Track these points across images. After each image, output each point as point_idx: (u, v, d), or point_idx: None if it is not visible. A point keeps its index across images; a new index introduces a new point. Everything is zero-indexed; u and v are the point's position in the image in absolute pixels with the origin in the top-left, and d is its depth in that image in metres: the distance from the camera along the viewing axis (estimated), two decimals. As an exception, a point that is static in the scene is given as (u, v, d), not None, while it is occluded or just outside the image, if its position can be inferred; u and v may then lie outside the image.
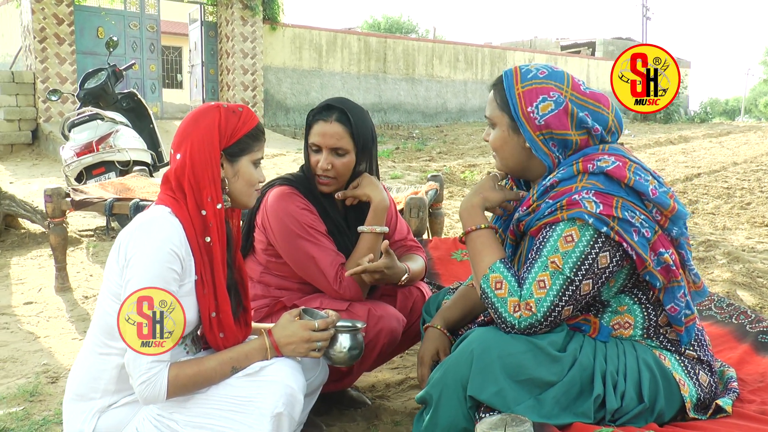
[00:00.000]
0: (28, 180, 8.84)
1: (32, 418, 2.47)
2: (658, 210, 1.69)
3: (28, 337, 3.41)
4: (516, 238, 1.89)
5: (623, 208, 1.64)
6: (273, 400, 1.70)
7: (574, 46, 28.66)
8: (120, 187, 4.21)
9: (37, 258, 5.00)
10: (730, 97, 51.43)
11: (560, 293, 1.63)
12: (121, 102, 6.56)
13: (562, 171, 1.74)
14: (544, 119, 1.75)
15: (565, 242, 1.65)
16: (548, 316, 1.64)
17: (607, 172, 1.68)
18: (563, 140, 1.76)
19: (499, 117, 1.84)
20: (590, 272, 1.64)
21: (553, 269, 1.64)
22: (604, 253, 1.64)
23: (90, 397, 1.76)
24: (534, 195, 1.79)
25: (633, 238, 1.63)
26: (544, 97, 1.75)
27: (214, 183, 1.76)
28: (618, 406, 1.66)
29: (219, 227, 1.77)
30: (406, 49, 18.42)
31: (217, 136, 1.77)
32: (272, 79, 15.59)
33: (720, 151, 14.02)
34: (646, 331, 1.76)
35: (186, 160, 1.75)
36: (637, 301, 1.75)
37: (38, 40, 11.62)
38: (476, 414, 1.64)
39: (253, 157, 1.85)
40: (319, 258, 2.22)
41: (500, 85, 1.84)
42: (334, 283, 2.22)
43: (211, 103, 1.83)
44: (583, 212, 1.63)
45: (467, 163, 11.65)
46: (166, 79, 21.55)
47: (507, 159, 1.86)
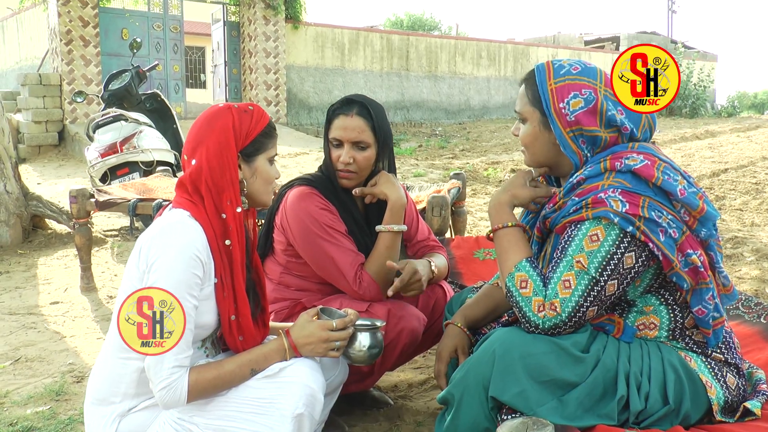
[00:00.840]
0: (55, 181, 8.96)
1: (58, 417, 2.50)
2: (686, 211, 1.65)
3: (54, 337, 3.46)
4: (542, 236, 1.87)
5: (650, 207, 1.61)
6: (293, 400, 1.69)
7: (597, 41, 28.36)
8: (143, 188, 4.25)
9: (63, 258, 5.06)
10: (759, 90, 50.59)
11: (585, 293, 1.61)
12: (145, 103, 6.62)
13: (589, 168, 1.72)
14: (574, 115, 1.73)
15: (590, 241, 1.62)
16: (573, 317, 1.61)
17: (634, 171, 1.65)
18: (592, 137, 1.74)
19: (530, 112, 1.81)
20: (615, 272, 1.61)
21: (579, 269, 1.61)
22: (630, 254, 1.62)
23: (110, 401, 1.76)
24: (561, 192, 1.77)
25: (659, 238, 1.60)
26: (576, 94, 1.73)
27: (233, 185, 1.75)
28: (642, 407, 1.63)
29: (239, 230, 1.76)
30: (428, 46, 18.36)
31: (233, 138, 1.76)
32: (295, 78, 15.63)
33: (748, 145, 13.78)
34: (672, 333, 1.73)
35: (203, 164, 1.74)
36: (664, 301, 1.72)
37: (64, 43, 11.77)
38: (498, 415, 1.63)
39: (269, 155, 1.84)
40: (338, 258, 2.22)
41: (532, 79, 1.81)
42: (353, 284, 2.22)
43: (220, 105, 1.82)
44: (609, 211, 1.61)
45: (490, 161, 11.58)
46: (190, 79, 21.72)
47: (537, 155, 1.85)
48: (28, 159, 11.16)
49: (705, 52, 26.99)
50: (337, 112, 2.29)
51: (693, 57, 23.22)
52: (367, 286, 2.22)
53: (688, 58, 22.38)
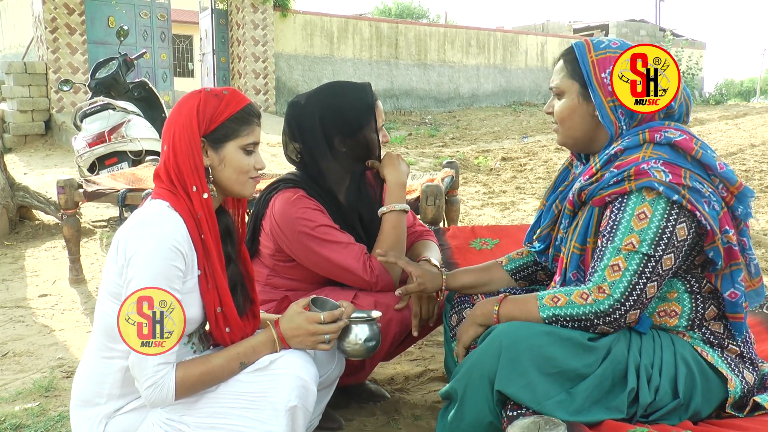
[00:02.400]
0: (42, 171, 8.84)
1: (48, 414, 2.44)
2: (724, 186, 1.64)
3: (43, 330, 3.40)
4: (574, 208, 1.81)
5: (692, 178, 1.59)
6: (286, 393, 1.64)
7: (587, 29, 28.32)
8: (132, 178, 4.18)
9: (51, 249, 4.99)
10: (745, 78, 50.76)
11: (638, 271, 1.57)
12: (133, 91, 6.53)
13: (627, 140, 1.69)
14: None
15: (638, 220, 1.58)
16: (628, 296, 1.57)
17: (674, 143, 1.63)
18: (631, 110, 1.72)
19: (569, 85, 1.79)
20: (671, 246, 1.57)
21: (628, 251, 1.58)
22: (681, 224, 1.58)
23: (95, 403, 1.70)
24: (597, 164, 1.73)
25: (705, 208, 1.57)
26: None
27: (196, 171, 1.66)
28: (651, 399, 1.59)
29: (208, 218, 1.67)
30: (417, 34, 18.27)
31: (196, 121, 1.67)
32: (284, 66, 15.52)
33: (737, 133, 13.83)
34: (691, 323, 1.69)
35: (170, 149, 1.67)
36: (689, 289, 1.68)
37: (49, 30, 11.60)
38: (503, 411, 1.59)
39: (242, 143, 1.72)
40: (340, 256, 2.13)
41: (570, 55, 1.79)
42: (365, 274, 2.13)
43: (197, 89, 1.74)
44: (653, 181, 1.57)
45: (480, 149, 11.56)
46: (177, 67, 21.51)
47: (574, 129, 1.81)
48: (14, 149, 11.01)
49: (693, 40, 27.05)
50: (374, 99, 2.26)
51: (682, 45, 23.29)
52: (378, 273, 2.15)
53: (677, 46, 22.43)
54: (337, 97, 2.22)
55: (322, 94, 2.25)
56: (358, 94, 2.23)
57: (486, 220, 6.21)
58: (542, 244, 2.01)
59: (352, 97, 2.22)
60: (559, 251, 1.91)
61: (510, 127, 15.51)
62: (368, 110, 2.21)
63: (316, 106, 2.22)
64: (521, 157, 10.54)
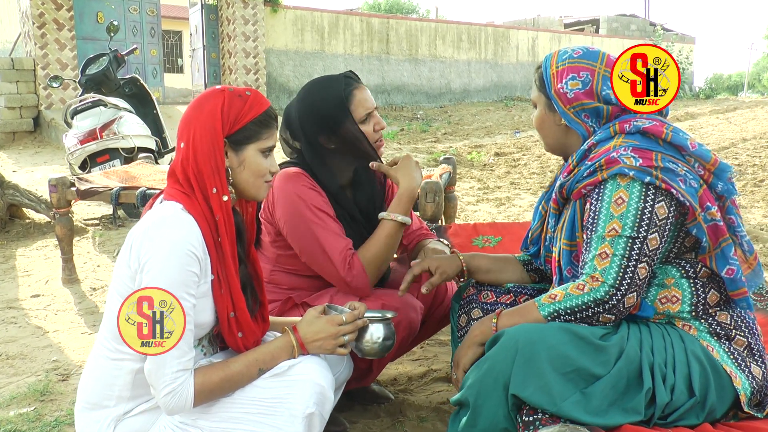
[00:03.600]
0: (31, 168, 8.73)
1: (44, 419, 2.38)
2: (700, 164, 1.68)
3: (36, 332, 3.32)
4: (559, 207, 1.86)
5: (663, 159, 1.63)
6: (304, 399, 1.61)
7: (577, 24, 28.37)
8: (125, 176, 4.12)
9: (43, 248, 4.91)
10: (733, 72, 50.94)
11: (626, 255, 1.60)
12: (124, 88, 6.45)
13: (599, 134, 1.76)
14: (573, 92, 1.79)
15: (617, 206, 1.62)
16: (621, 280, 1.59)
17: (643, 130, 1.69)
18: (594, 109, 1.79)
19: (537, 97, 1.90)
20: (653, 225, 1.60)
21: (611, 237, 1.61)
22: (660, 203, 1.61)
23: (104, 405, 1.66)
24: (574, 160, 1.79)
25: (680, 186, 1.60)
26: (574, 76, 1.79)
27: (218, 173, 1.63)
28: (668, 399, 1.56)
29: (226, 221, 1.64)
30: (408, 29, 18.21)
31: (220, 122, 1.63)
32: (274, 62, 15.43)
33: (728, 127, 13.86)
34: (695, 308, 1.68)
35: (189, 148, 1.63)
36: (684, 274, 1.69)
37: (37, 26, 11.46)
38: (518, 416, 1.55)
39: (261, 146, 1.70)
40: (326, 241, 2.07)
41: (541, 68, 1.89)
42: (342, 269, 2.06)
43: (218, 87, 1.69)
44: (623, 167, 1.61)
45: (473, 144, 11.53)
46: (167, 63, 21.36)
47: (547, 137, 1.92)
48: (3, 146, 10.87)
49: (683, 35, 27.13)
50: (350, 87, 2.15)
51: (672, 39, 23.35)
52: (356, 273, 2.07)
53: (667, 41, 22.48)
54: (309, 95, 2.17)
55: (300, 94, 2.20)
56: (328, 90, 2.15)
57: (482, 216, 6.17)
58: (535, 246, 2.05)
59: (323, 93, 2.15)
60: (550, 252, 1.94)
61: (502, 122, 15.48)
62: (341, 104, 2.12)
63: (296, 108, 2.18)
64: (514, 152, 10.52)
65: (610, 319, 1.62)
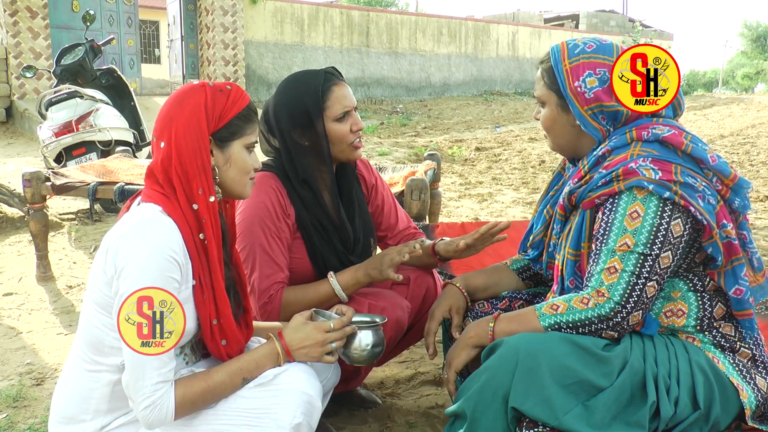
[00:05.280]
0: (3, 160, 8.52)
1: (17, 426, 2.28)
2: (718, 179, 1.60)
3: (9, 333, 3.21)
4: (566, 213, 1.77)
5: (683, 174, 1.55)
6: (291, 409, 1.54)
7: (557, 19, 28.43)
8: (102, 170, 4.00)
9: (16, 244, 4.76)
10: (708, 69, 51.48)
11: (636, 272, 1.52)
12: (101, 79, 6.29)
13: (615, 140, 1.66)
14: (593, 92, 1.67)
15: (631, 220, 1.54)
16: (629, 297, 1.52)
17: (662, 139, 1.60)
18: (613, 112, 1.68)
19: (547, 96, 1.76)
20: (666, 243, 1.53)
21: (623, 252, 1.53)
22: (676, 221, 1.53)
23: (80, 419, 1.57)
24: (585, 166, 1.69)
25: (699, 203, 1.52)
26: (590, 72, 1.68)
27: (204, 172, 1.55)
28: (672, 413, 1.51)
29: (213, 222, 1.57)
30: (389, 22, 18.12)
31: (204, 119, 1.56)
32: (254, 53, 15.26)
33: (705, 123, 13.97)
34: (700, 322, 1.63)
35: (171, 148, 1.54)
36: (692, 287, 1.63)
37: (9, 14, 11.22)
38: (517, 429, 1.49)
39: (246, 141, 1.63)
40: (261, 268, 2.02)
41: (547, 62, 1.75)
42: (261, 296, 2.01)
43: (195, 82, 1.62)
44: (642, 180, 1.53)
45: (454, 139, 11.49)
46: (144, 54, 21.06)
47: (558, 138, 1.80)
48: (-26, 137, 10.64)
49: (661, 31, 27.29)
50: (328, 83, 2.09)
51: (650, 36, 23.47)
52: (270, 309, 2.02)
53: (646, 37, 22.58)
54: (285, 90, 2.12)
55: (279, 87, 2.14)
56: (306, 85, 2.09)
57: (464, 212, 6.12)
58: (535, 251, 1.97)
59: (300, 88, 2.09)
60: (552, 258, 1.86)
61: (482, 116, 15.47)
62: (316, 99, 2.06)
63: (273, 101, 2.14)
64: (495, 147, 10.49)
65: (612, 336, 1.56)
